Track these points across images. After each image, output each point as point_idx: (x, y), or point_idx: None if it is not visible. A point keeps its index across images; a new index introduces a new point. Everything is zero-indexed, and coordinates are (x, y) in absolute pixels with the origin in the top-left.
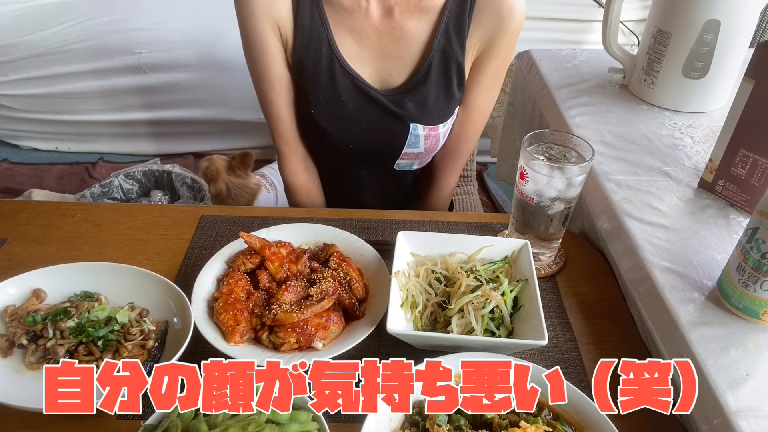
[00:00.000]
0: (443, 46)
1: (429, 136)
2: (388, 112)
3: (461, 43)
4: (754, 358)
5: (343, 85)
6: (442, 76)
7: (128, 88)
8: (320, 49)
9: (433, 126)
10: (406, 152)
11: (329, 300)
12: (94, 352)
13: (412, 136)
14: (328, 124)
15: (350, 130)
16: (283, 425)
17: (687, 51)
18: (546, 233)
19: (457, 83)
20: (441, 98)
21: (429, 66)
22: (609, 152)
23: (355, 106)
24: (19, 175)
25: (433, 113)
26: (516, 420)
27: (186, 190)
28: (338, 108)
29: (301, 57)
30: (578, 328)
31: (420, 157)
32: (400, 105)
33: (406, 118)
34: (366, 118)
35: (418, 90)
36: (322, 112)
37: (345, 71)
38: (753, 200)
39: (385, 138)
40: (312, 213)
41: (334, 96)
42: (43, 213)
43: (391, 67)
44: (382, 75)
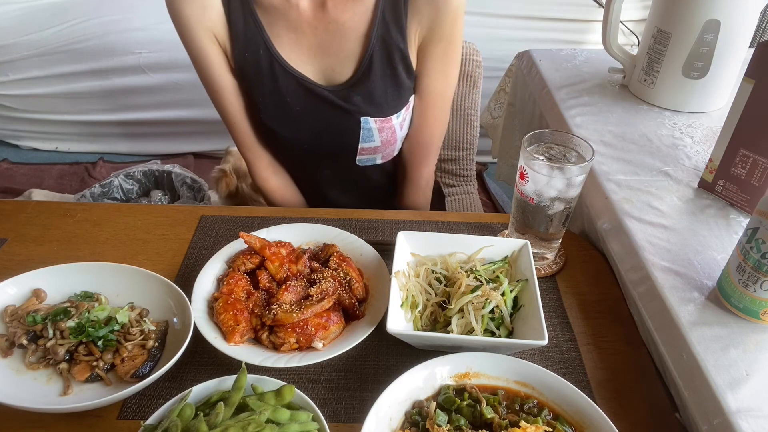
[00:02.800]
0: (382, 35)
1: (383, 129)
2: (336, 109)
3: (401, 31)
4: (754, 358)
5: (286, 86)
6: (386, 66)
7: (128, 88)
8: (258, 53)
9: (385, 118)
10: (363, 147)
11: (329, 300)
12: (94, 352)
13: (364, 130)
14: (278, 127)
15: (301, 131)
16: (283, 425)
17: (687, 51)
18: (546, 233)
19: (405, 71)
20: (389, 89)
21: (371, 57)
22: (609, 152)
23: (303, 107)
24: (19, 175)
25: (383, 105)
26: (516, 420)
27: (186, 190)
28: (285, 110)
29: (242, 62)
30: (578, 328)
31: (380, 151)
32: (347, 100)
33: (356, 113)
34: (315, 117)
35: (363, 83)
36: (270, 116)
37: (286, 72)
38: (753, 200)
39: (338, 135)
40: (312, 213)
41: (279, 98)
42: (43, 213)
43: (333, 62)
44: (325, 71)
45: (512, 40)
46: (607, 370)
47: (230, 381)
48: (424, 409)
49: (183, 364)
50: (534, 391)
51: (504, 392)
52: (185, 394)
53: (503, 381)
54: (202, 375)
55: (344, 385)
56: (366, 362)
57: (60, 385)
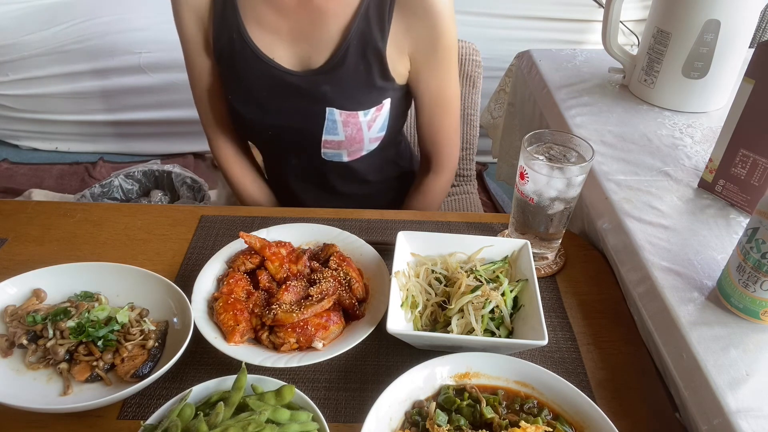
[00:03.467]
0: (362, 29)
1: (348, 123)
2: (303, 96)
3: (382, 32)
4: (754, 358)
5: (255, 70)
6: (360, 60)
7: (128, 88)
8: (232, 36)
9: (351, 112)
10: (327, 139)
11: (329, 300)
12: (94, 352)
13: (329, 121)
14: (244, 110)
15: (267, 116)
16: (283, 425)
17: (687, 51)
18: (546, 233)
19: (379, 72)
20: (360, 85)
21: (347, 49)
22: (609, 152)
23: (270, 92)
24: (19, 175)
25: (350, 98)
26: (516, 420)
27: (186, 190)
28: (252, 94)
29: (220, 45)
30: (578, 328)
31: (344, 147)
32: (315, 87)
33: (321, 101)
34: (281, 103)
35: (334, 73)
36: (238, 98)
37: (257, 57)
38: (753, 200)
39: (302, 123)
40: (312, 213)
41: (247, 82)
42: (43, 213)
43: (309, 48)
44: (301, 56)
45: (512, 40)
46: (607, 370)
47: (230, 381)
48: (424, 409)
49: (183, 364)
50: (534, 391)
51: (504, 392)
52: (185, 394)
53: (503, 381)
54: (202, 375)
55: (344, 385)
56: (366, 362)
57: (60, 385)
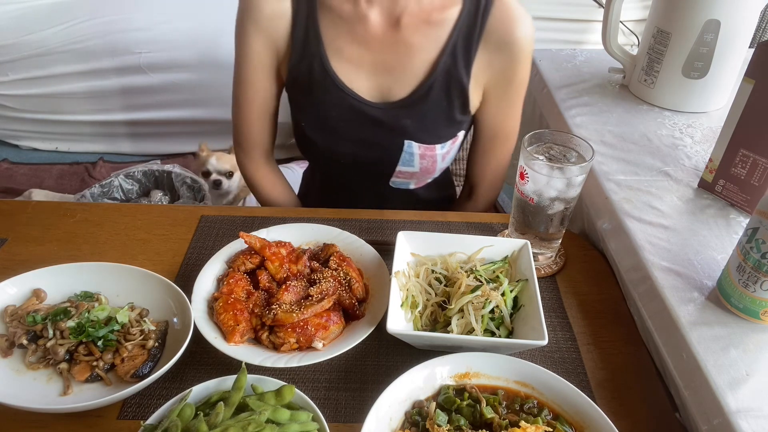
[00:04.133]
0: (448, 67)
1: (425, 156)
2: (382, 128)
3: (467, 68)
4: (754, 358)
5: (334, 100)
6: (443, 97)
7: (129, 88)
8: (312, 65)
9: (430, 146)
10: (400, 170)
11: (329, 300)
12: (94, 352)
13: (406, 153)
14: (317, 138)
15: (340, 145)
16: (283, 425)
17: (687, 51)
18: (546, 233)
19: (460, 107)
20: (440, 119)
21: (431, 85)
22: (609, 152)
23: (346, 123)
24: (19, 175)
25: (431, 132)
26: (516, 420)
27: (186, 190)
28: (327, 123)
29: (296, 73)
30: (578, 328)
31: (416, 177)
32: (396, 120)
33: (401, 135)
34: (358, 135)
35: (417, 107)
36: (311, 126)
37: (337, 87)
38: (753, 200)
39: (378, 154)
40: (312, 213)
41: (324, 111)
42: (43, 213)
43: (391, 80)
44: (381, 88)
45: None
46: (607, 370)
47: (230, 381)
48: (424, 409)
49: (183, 364)
50: (534, 391)
51: (504, 392)
52: (185, 394)
53: (503, 381)
54: (202, 375)
55: (344, 385)
56: (366, 362)
57: (60, 385)
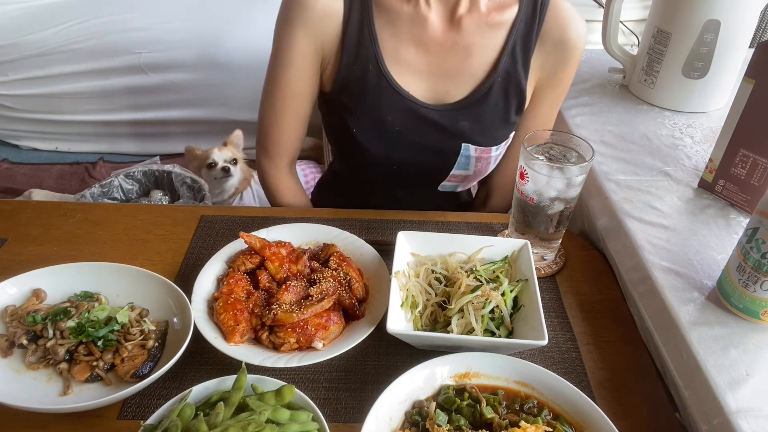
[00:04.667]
0: (508, 67)
1: (480, 159)
2: (440, 131)
3: (525, 68)
4: (754, 358)
5: (390, 104)
6: (502, 98)
7: (128, 88)
8: (367, 67)
9: (486, 148)
10: (454, 173)
11: (329, 300)
12: (94, 352)
13: (462, 156)
14: (370, 144)
15: (396, 151)
16: (283, 425)
17: (687, 51)
18: (546, 233)
19: (516, 107)
20: (497, 120)
21: (491, 86)
22: (609, 152)
23: (403, 126)
24: (19, 175)
25: (487, 134)
26: (516, 420)
27: (186, 190)
28: (383, 128)
29: (347, 75)
30: (578, 328)
31: (467, 180)
32: (453, 123)
33: (459, 138)
34: (414, 139)
35: (475, 108)
36: (365, 131)
37: (393, 90)
38: (753, 200)
39: (434, 158)
40: (312, 213)
41: (380, 116)
42: (43, 213)
43: (449, 83)
44: (438, 91)
45: None
46: (607, 370)
47: (230, 381)
48: (424, 409)
49: (183, 364)
50: (534, 391)
51: (504, 392)
52: (185, 394)
53: (503, 381)
54: (202, 375)
55: (344, 385)
56: (366, 362)
57: (60, 385)
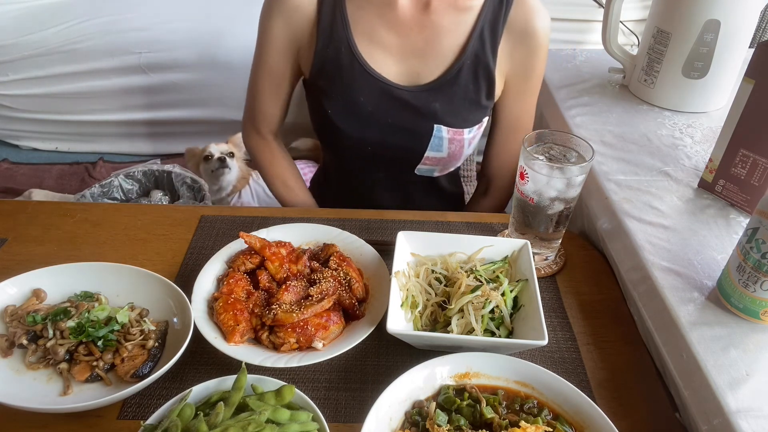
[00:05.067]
0: (476, 50)
1: (453, 140)
2: (411, 112)
3: (494, 51)
4: (754, 358)
5: (362, 85)
6: (471, 80)
7: (128, 88)
8: (340, 50)
9: (458, 129)
10: (429, 156)
11: (329, 300)
12: (94, 352)
13: (435, 138)
14: (344, 125)
15: (369, 131)
16: (283, 425)
17: (687, 51)
18: (546, 233)
19: (486, 91)
20: (468, 103)
21: (460, 68)
22: (609, 152)
23: (375, 107)
24: (19, 175)
25: (459, 116)
26: (516, 420)
27: (186, 190)
28: (356, 108)
29: (322, 59)
30: (578, 328)
31: (442, 163)
32: (425, 104)
33: (431, 118)
34: (387, 119)
35: (445, 90)
36: (339, 113)
37: (365, 71)
38: (753, 200)
39: (407, 139)
40: (312, 213)
41: (353, 97)
42: (43, 213)
43: (419, 64)
44: (410, 72)
45: None
46: (607, 370)
47: (230, 381)
48: (424, 409)
49: (183, 364)
50: (534, 391)
51: (504, 392)
52: (185, 394)
53: (503, 381)
54: (202, 375)
55: (344, 385)
56: (366, 362)
57: (60, 385)
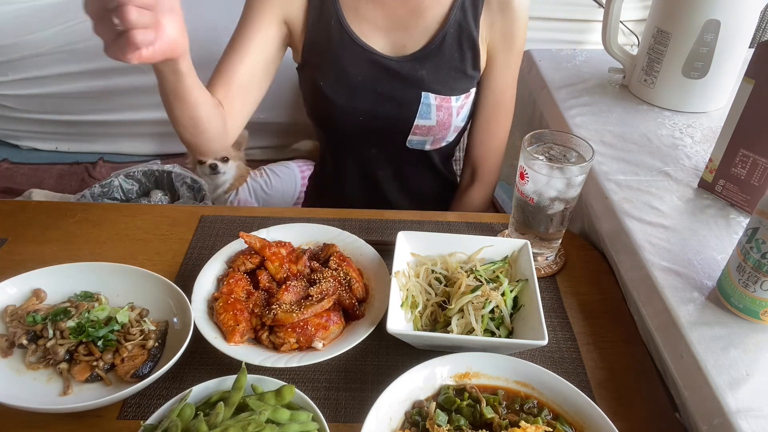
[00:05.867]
0: (459, 20)
1: (441, 107)
2: (399, 79)
3: (476, 22)
4: (754, 358)
5: (351, 56)
6: (456, 48)
7: (128, 88)
8: (330, 23)
9: (445, 97)
10: (418, 124)
11: (329, 300)
12: (94, 352)
13: (423, 105)
14: (335, 96)
15: (359, 101)
16: (283, 425)
17: (687, 51)
18: (546, 233)
19: (471, 60)
20: (454, 71)
21: (444, 37)
22: (609, 152)
23: (364, 77)
24: (19, 175)
25: (445, 84)
26: (516, 420)
27: (186, 190)
28: (346, 79)
29: (313, 34)
30: (578, 328)
31: (432, 133)
32: (412, 72)
33: (418, 86)
34: (376, 88)
35: (431, 58)
36: (329, 84)
37: (354, 42)
38: (753, 200)
39: (396, 107)
40: (312, 213)
41: (342, 68)
42: (43, 213)
43: (405, 36)
44: (396, 44)
45: None
46: (607, 370)
47: (230, 381)
48: (424, 409)
49: (183, 364)
50: (534, 391)
51: (504, 392)
52: (185, 394)
53: (503, 381)
54: (202, 375)
55: (344, 385)
56: (366, 362)
57: (60, 385)
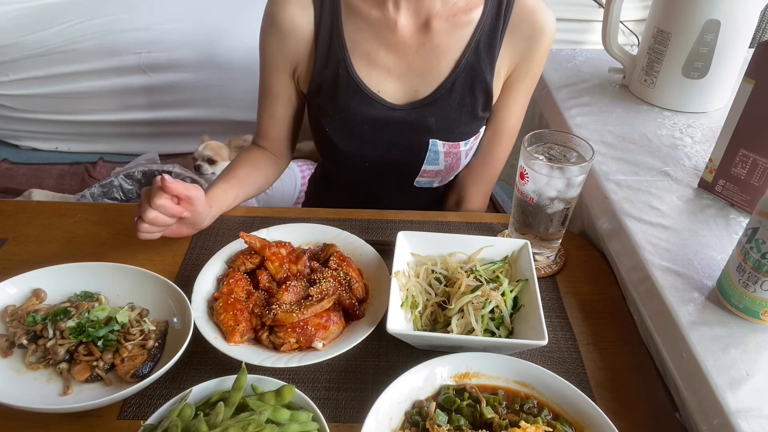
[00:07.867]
0: (472, 62)
1: (449, 153)
2: (406, 128)
3: (491, 63)
4: (754, 358)
5: (358, 105)
6: (467, 93)
7: (128, 87)
8: (337, 71)
9: (454, 143)
10: (426, 169)
11: (329, 300)
12: (94, 352)
13: (431, 152)
14: (341, 142)
15: (366, 149)
16: (283, 425)
17: (687, 51)
18: (546, 233)
19: (483, 104)
20: (464, 116)
21: (454, 81)
22: (609, 152)
23: (371, 125)
24: (19, 175)
25: (455, 130)
26: (516, 420)
27: None
28: (352, 127)
29: (320, 79)
30: (578, 328)
31: (440, 175)
32: (420, 119)
33: (425, 134)
34: (383, 137)
35: (440, 104)
36: (336, 130)
37: (361, 91)
38: (753, 200)
39: (404, 155)
40: (312, 213)
41: (349, 115)
42: (43, 213)
43: (418, 82)
44: (408, 90)
45: None
46: (607, 370)
47: (230, 381)
48: (424, 409)
49: (183, 364)
50: (534, 391)
51: (504, 392)
52: (185, 394)
53: (503, 381)
54: (202, 375)
55: (344, 385)
56: (366, 362)
57: (60, 385)
